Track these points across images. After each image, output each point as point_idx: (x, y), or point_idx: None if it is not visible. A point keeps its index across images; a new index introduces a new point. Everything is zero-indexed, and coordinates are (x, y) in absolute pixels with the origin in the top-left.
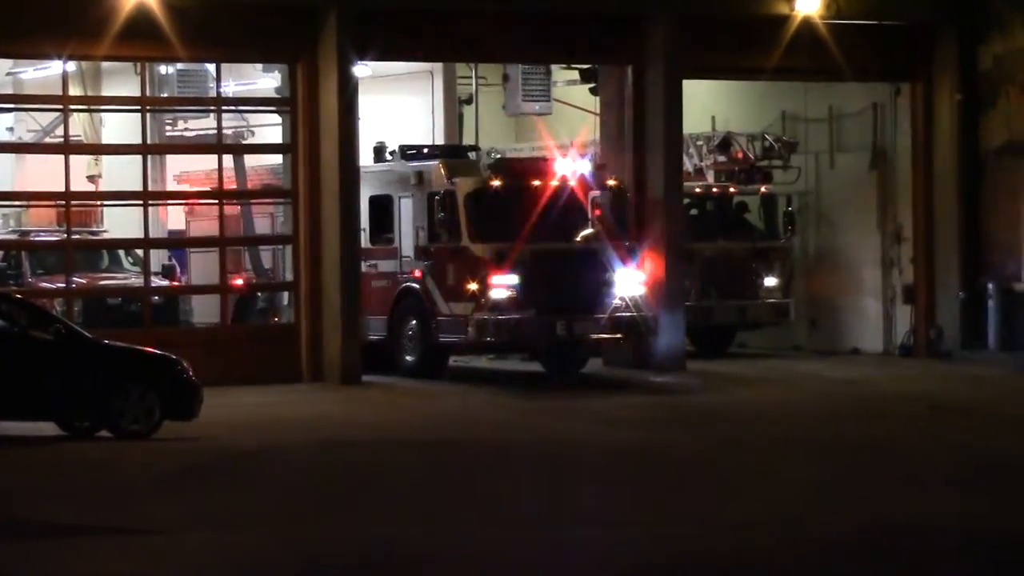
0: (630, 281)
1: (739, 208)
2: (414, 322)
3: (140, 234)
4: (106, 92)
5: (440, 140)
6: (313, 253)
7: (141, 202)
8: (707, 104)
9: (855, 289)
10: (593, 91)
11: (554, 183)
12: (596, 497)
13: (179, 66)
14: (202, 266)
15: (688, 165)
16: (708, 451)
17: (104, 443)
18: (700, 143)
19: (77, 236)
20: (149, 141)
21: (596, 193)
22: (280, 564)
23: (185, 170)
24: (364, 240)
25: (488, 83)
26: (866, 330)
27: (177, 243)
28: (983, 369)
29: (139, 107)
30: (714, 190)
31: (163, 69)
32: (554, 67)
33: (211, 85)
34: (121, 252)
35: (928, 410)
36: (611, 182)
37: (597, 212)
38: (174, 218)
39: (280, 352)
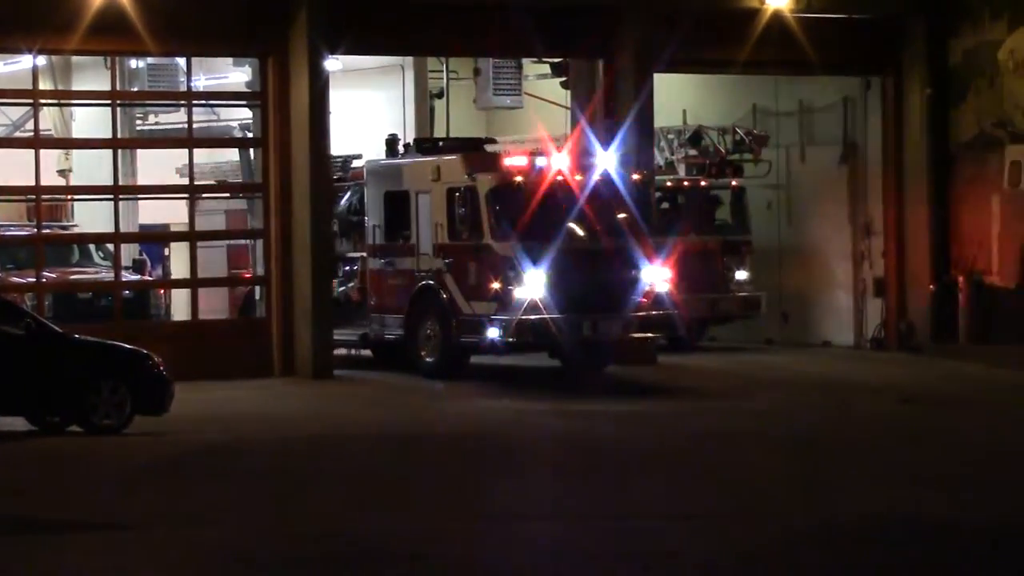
0: (656, 278)
1: (711, 202)
2: (433, 322)
3: (111, 228)
4: (76, 86)
5: (411, 134)
6: (284, 247)
7: (112, 196)
8: (678, 98)
9: (826, 283)
10: (564, 85)
11: (577, 177)
12: (545, 489)
13: (150, 60)
14: (208, 260)
15: (659, 159)
16: (676, 445)
17: (75, 438)
18: (671, 137)
19: (47, 231)
20: (119, 135)
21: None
22: (251, 559)
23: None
24: (379, 237)
25: (459, 77)
26: (837, 324)
27: (148, 237)
28: (953, 363)
29: (109, 101)
30: (685, 183)
31: (133, 63)
32: (525, 61)
33: (182, 79)
34: (91, 247)
35: (899, 403)
36: (635, 176)
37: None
38: (146, 213)
39: (251, 346)
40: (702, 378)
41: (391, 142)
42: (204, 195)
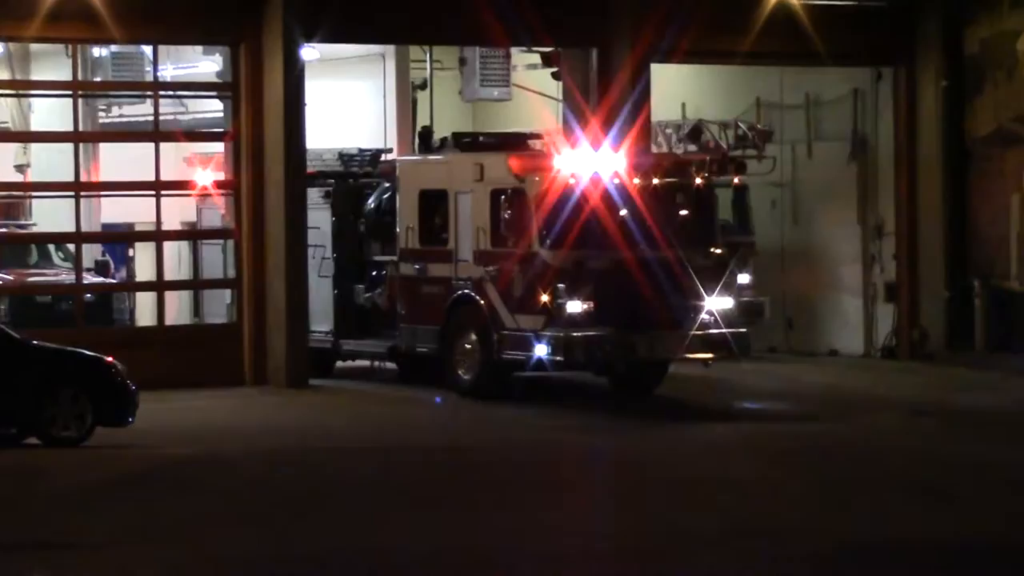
0: (717, 293)
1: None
2: (472, 335)
3: (72, 228)
4: (36, 76)
5: (392, 128)
6: (256, 247)
7: (73, 193)
8: (677, 90)
9: (834, 287)
10: (555, 76)
11: (637, 181)
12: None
13: (114, 48)
14: (209, 260)
15: None
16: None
17: (32, 451)
18: (669, 131)
19: (3, 230)
20: (82, 128)
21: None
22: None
23: (196, 152)
24: (413, 240)
25: (443, 67)
26: (845, 331)
27: (111, 237)
28: (969, 372)
29: (71, 92)
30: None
31: (97, 51)
32: (514, 50)
33: (148, 69)
34: (51, 247)
35: (911, 415)
36: (698, 179)
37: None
38: (109, 211)
39: (221, 353)
40: (724, 393)
41: (424, 135)
42: (174, 192)
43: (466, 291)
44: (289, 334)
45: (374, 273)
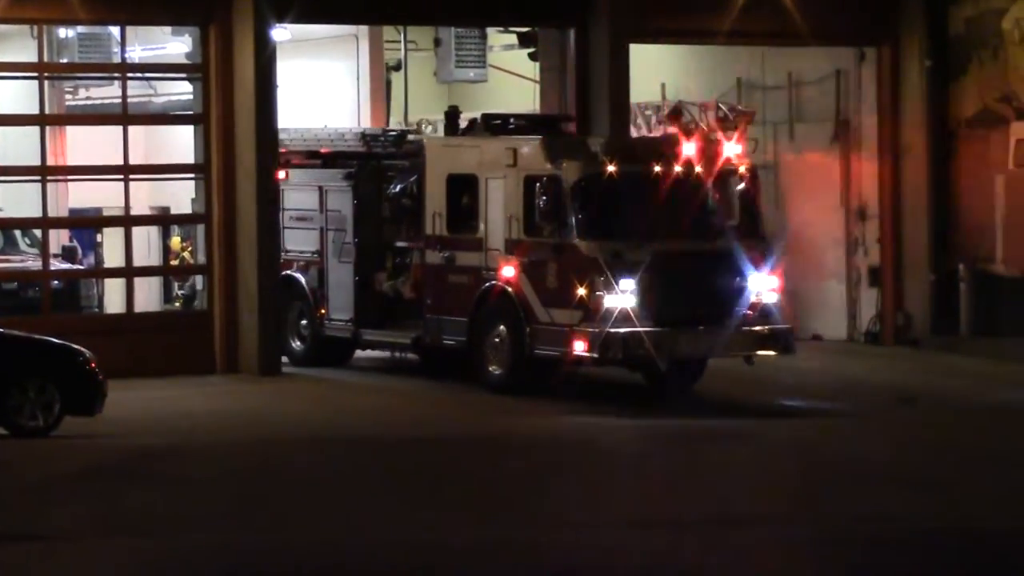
0: (762, 288)
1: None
2: (502, 328)
3: (38, 213)
4: (0, 58)
5: (365, 110)
6: (227, 233)
7: (39, 178)
8: (656, 70)
9: (816, 271)
10: (532, 56)
11: (679, 169)
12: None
13: (80, 29)
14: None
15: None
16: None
17: None
18: (649, 112)
19: None
20: (47, 111)
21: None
22: (187, 571)
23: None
24: (440, 226)
25: (418, 48)
26: (828, 315)
27: (80, 223)
28: (954, 357)
29: (37, 74)
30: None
31: (63, 32)
32: (490, 30)
33: (115, 50)
34: (17, 233)
35: (898, 402)
36: (742, 167)
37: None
38: (76, 196)
39: (192, 341)
40: (728, 387)
41: (451, 114)
42: (142, 176)
43: (496, 282)
44: (261, 321)
45: (397, 260)
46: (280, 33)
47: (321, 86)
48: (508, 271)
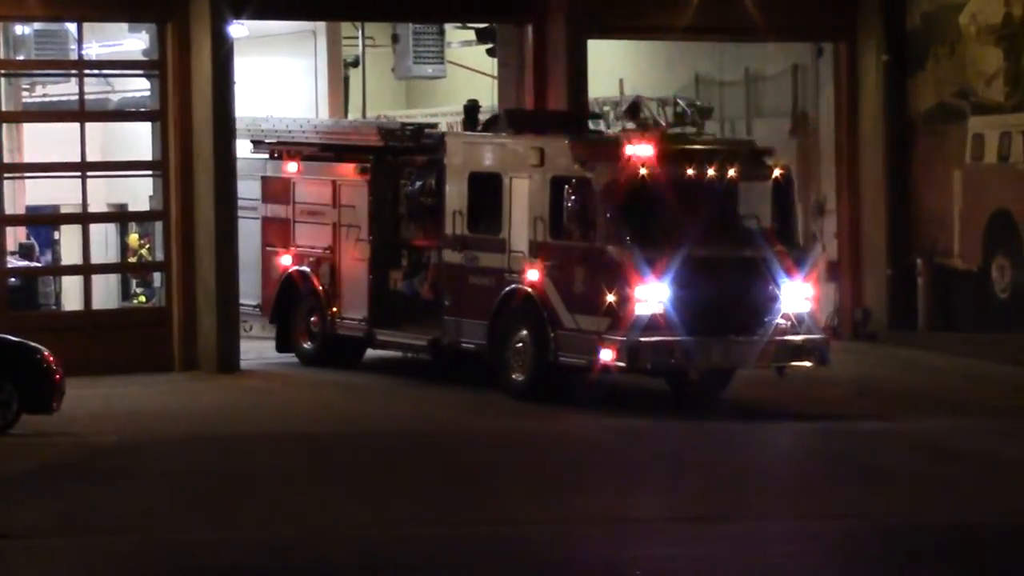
0: (796, 296)
1: None
2: (524, 332)
3: None
4: None
5: (323, 106)
6: (186, 230)
7: None
8: (614, 66)
9: None
10: (491, 52)
11: (712, 172)
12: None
13: (37, 26)
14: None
15: None
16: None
17: None
18: (607, 108)
19: None
20: (4, 108)
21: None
22: (146, 570)
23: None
24: (461, 225)
25: (376, 44)
26: None
27: (37, 220)
28: (912, 352)
29: None
30: None
31: (19, 29)
32: (448, 27)
33: (72, 47)
34: None
35: (857, 396)
36: (777, 171)
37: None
38: (34, 193)
39: (150, 338)
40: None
41: (471, 108)
42: (99, 173)
43: (519, 285)
44: (219, 318)
45: (414, 258)
46: (237, 29)
47: (279, 82)
48: (532, 274)
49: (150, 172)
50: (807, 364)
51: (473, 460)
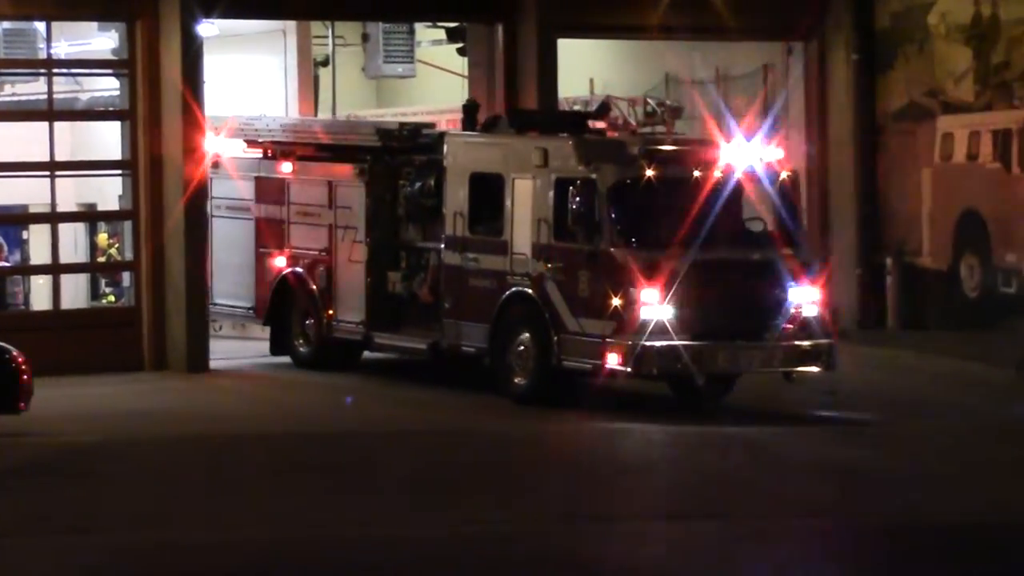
0: (804, 300)
1: None
2: (527, 336)
3: None
4: None
5: (293, 105)
6: (155, 229)
7: None
8: (584, 65)
9: None
10: (461, 52)
11: (719, 174)
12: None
13: (5, 25)
14: (230, 237)
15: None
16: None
17: None
18: (577, 107)
19: None
20: None
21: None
22: (117, 569)
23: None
24: (461, 227)
25: (346, 43)
26: None
27: (5, 219)
28: (882, 351)
29: None
30: None
31: None
32: (418, 26)
33: (41, 46)
34: None
35: (826, 395)
36: (785, 173)
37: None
38: (2, 192)
39: (119, 338)
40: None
41: (470, 108)
42: (68, 173)
43: (522, 288)
44: (189, 317)
45: (412, 260)
46: (207, 28)
47: (249, 81)
48: (535, 277)
49: (119, 171)
50: (815, 369)
51: (444, 459)
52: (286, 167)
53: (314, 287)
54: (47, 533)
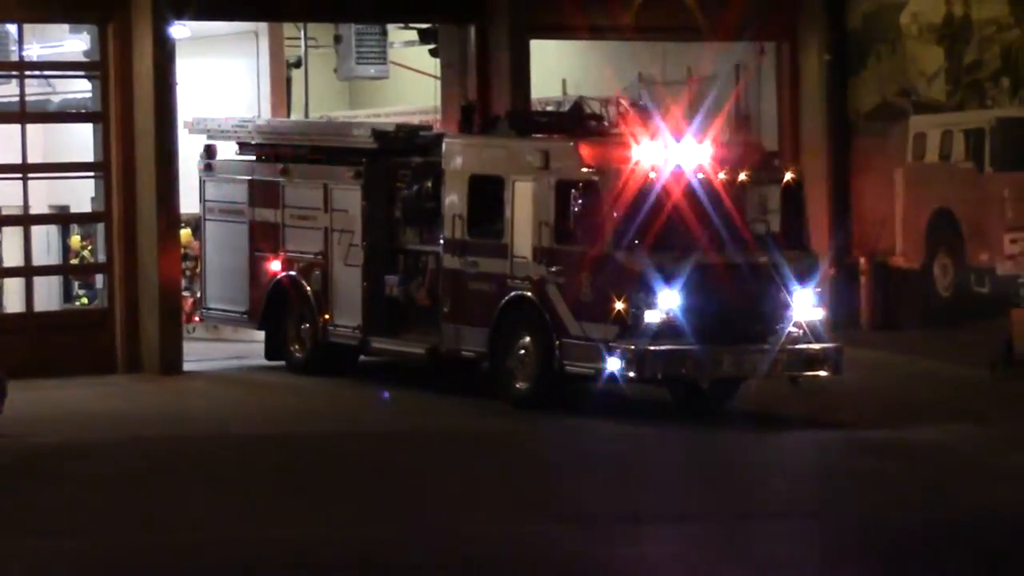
0: (809, 304)
1: None
2: (528, 340)
3: None
4: None
5: (266, 107)
6: (128, 231)
7: None
8: (557, 66)
9: None
10: (433, 53)
11: (723, 176)
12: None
13: None
14: (224, 240)
15: None
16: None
17: None
18: (550, 108)
19: None
20: None
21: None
22: (91, 571)
23: None
24: (461, 230)
25: (318, 45)
26: None
27: None
28: (855, 350)
29: None
30: None
31: None
32: (390, 27)
33: (13, 48)
34: None
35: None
36: (788, 175)
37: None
38: None
39: (93, 340)
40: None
41: (468, 111)
42: (41, 175)
43: (522, 292)
44: (162, 319)
45: (410, 264)
46: (179, 30)
47: (221, 83)
48: (536, 280)
49: (92, 173)
50: (821, 374)
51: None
52: (281, 170)
53: (309, 291)
54: (20, 534)
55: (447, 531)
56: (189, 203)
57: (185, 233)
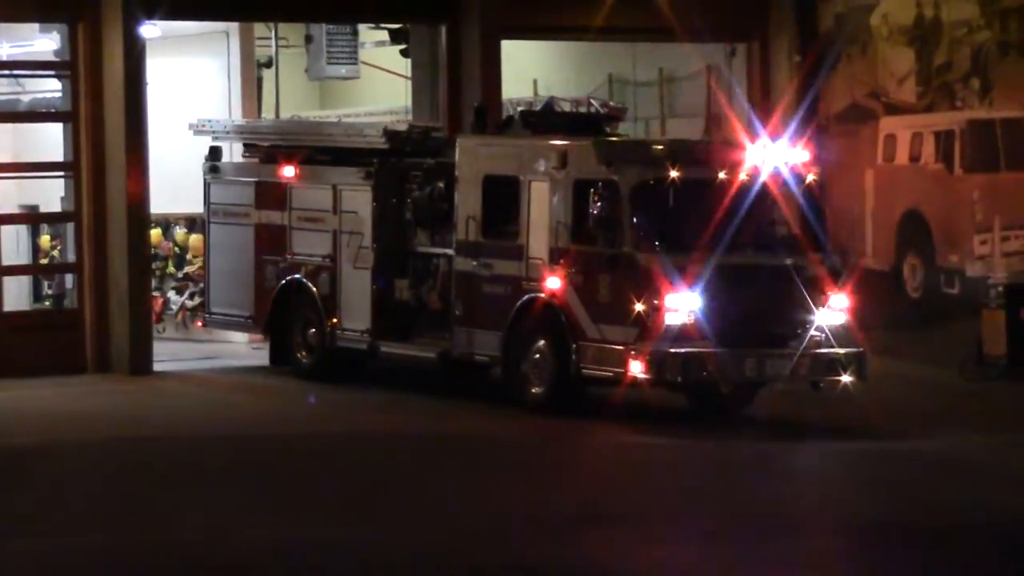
0: (832, 307)
1: None
2: (543, 343)
3: None
4: None
5: (237, 106)
6: (98, 232)
7: None
8: (528, 67)
9: None
10: (404, 53)
11: (744, 176)
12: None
13: None
14: (226, 243)
15: None
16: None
17: None
18: (521, 109)
19: None
20: None
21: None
22: (64, 572)
23: None
24: (474, 232)
25: (289, 45)
26: None
27: None
28: None
29: None
30: None
31: None
32: (361, 27)
33: None
34: None
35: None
36: (810, 177)
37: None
38: None
39: (62, 340)
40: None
41: (481, 112)
42: (10, 174)
43: (538, 294)
44: (132, 320)
45: (421, 267)
46: (150, 30)
47: (192, 83)
48: (553, 282)
49: (62, 173)
50: (845, 379)
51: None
52: (288, 171)
53: (317, 294)
54: None
55: (457, 533)
56: (194, 205)
57: (155, 233)
